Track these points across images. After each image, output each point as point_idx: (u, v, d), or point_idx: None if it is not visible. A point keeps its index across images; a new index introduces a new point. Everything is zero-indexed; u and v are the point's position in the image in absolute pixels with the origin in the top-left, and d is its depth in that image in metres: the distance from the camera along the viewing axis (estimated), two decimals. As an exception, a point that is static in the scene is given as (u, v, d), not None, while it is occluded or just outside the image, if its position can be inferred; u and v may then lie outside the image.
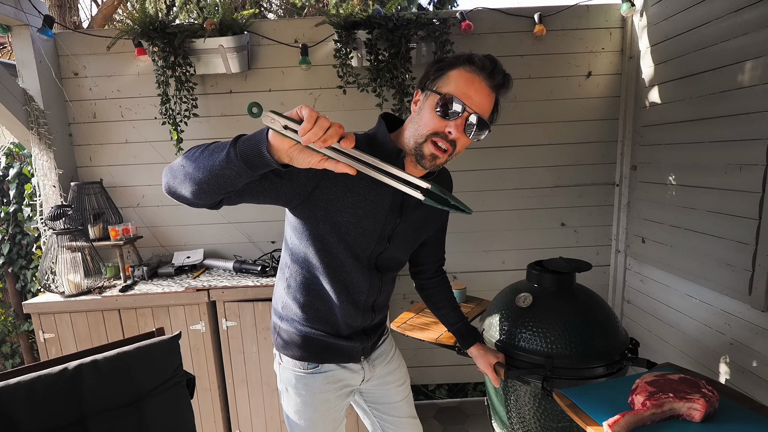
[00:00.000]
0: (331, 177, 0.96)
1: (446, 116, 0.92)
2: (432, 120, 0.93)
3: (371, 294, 1.14)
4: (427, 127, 0.94)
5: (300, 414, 1.18)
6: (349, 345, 1.16)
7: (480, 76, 0.93)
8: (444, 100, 0.91)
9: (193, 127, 2.20)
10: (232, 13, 2.02)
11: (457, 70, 0.94)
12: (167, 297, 1.91)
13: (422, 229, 1.19)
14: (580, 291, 1.38)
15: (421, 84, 1.00)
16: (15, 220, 2.77)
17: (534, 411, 1.31)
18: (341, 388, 1.20)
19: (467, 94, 0.92)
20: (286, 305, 1.15)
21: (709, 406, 0.95)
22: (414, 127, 0.98)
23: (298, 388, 1.17)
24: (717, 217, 1.66)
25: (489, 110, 0.97)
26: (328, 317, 1.13)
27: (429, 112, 0.94)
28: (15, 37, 2.04)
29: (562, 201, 2.39)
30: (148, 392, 1.12)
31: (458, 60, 0.94)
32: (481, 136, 0.96)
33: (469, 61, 0.93)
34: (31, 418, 0.97)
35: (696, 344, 1.84)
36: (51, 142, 2.11)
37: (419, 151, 0.96)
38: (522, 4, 2.22)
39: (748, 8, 1.49)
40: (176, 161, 0.88)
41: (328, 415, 1.20)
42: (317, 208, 1.00)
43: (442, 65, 0.96)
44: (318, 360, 1.15)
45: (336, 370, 1.18)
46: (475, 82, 0.92)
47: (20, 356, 3.07)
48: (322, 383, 1.17)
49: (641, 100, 2.15)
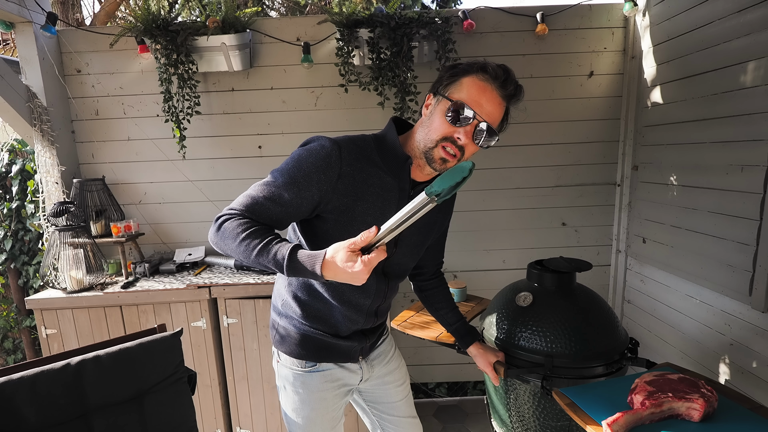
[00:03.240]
0: (341, 189, 0.98)
1: (456, 122, 0.94)
2: (442, 125, 0.95)
3: (377, 299, 1.14)
4: (437, 132, 0.96)
5: (298, 412, 1.19)
6: (347, 345, 1.17)
7: (492, 85, 0.94)
8: (455, 107, 0.93)
9: (195, 124, 2.20)
10: (235, 11, 2.02)
11: (469, 77, 0.95)
12: (169, 294, 1.92)
13: (427, 233, 1.20)
14: (580, 291, 1.38)
15: (434, 88, 1.01)
16: (18, 217, 2.78)
17: (533, 410, 1.32)
18: (339, 387, 1.21)
19: (478, 102, 0.93)
20: (286, 303, 1.16)
21: (708, 406, 0.95)
22: (425, 132, 0.99)
23: (295, 386, 1.17)
24: (718, 218, 1.66)
25: (499, 119, 0.98)
26: (327, 318, 1.13)
27: (440, 117, 0.96)
28: (18, 33, 2.04)
29: (563, 200, 2.39)
30: (149, 388, 1.12)
31: (472, 67, 0.96)
32: (489, 143, 0.97)
33: (483, 70, 0.94)
34: (35, 412, 0.98)
35: (696, 344, 1.84)
36: (54, 139, 2.11)
37: (429, 155, 0.98)
38: (524, 4, 2.22)
39: (751, 8, 1.48)
40: (222, 241, 0.93)
41: (326, 413, 1.20)
42: (328, 218, 1.01)
43: (455, 71, 0.97)
44: (316, 359, 1.16)
45: (334, 369, 1.18)
46: (487, 91, 0.94)
47: (22, 352, 3.08)
48: (319, 382, 1.17)
49: (643, 100, 2.14)
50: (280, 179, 0.96)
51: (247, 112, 2.27)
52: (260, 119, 2.28)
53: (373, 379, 1.28)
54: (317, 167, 0.95)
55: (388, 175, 1.03)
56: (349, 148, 0.99)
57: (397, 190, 1.04)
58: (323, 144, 0.97)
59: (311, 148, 0.98)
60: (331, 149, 0.96)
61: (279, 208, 0.95)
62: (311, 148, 0.98)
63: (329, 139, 0.98)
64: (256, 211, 0.95)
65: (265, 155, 2.31)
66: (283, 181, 0.95)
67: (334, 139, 0.99)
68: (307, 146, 0.99)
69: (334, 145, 0.97)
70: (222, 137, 2.29)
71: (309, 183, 0.95)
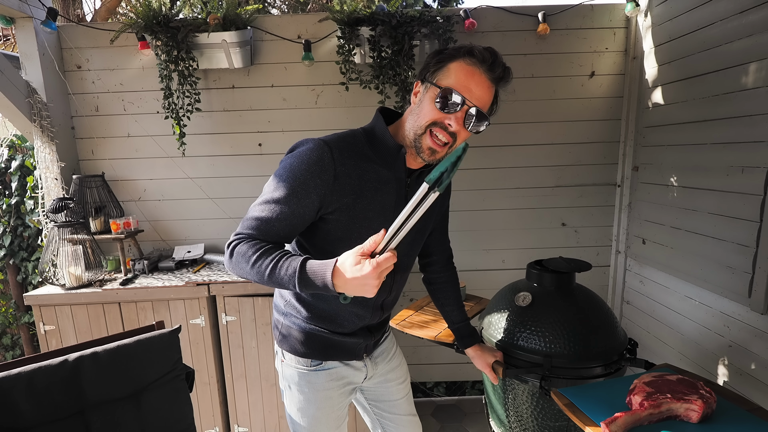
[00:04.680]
0: (339, 190, 0.97)
1: (446, 109, 0.93)
2: (431, 112, 0.94)
3: (382, 293, 1.13)
4: (426, 118, 0.95)
5: (303, 411, 1.18)
6: (352, 342, 1.16)
7: (480, 69, 0.93)
8: (444, 93, 0.92)
9: (195, 121, 2.20)
10: (236, 8, 2.02)
11: (457, 62, 0.93)
12: (167, 291, 1.92)
13: (427, 218, 1.18)
14: (579, 291, 1.38)
15: (421, 75, 0.99)
16: (17, 212, 2.78)
17: (532, 410, 1.32)
18: (344, 385, 1.21)
19: (467, 86, 0.92)
20: (290, 302, 1.15)
21: (707, 407, 0.95)
22: (414, 119, 0.98)
23: (301, 386, 1.17)
24: (718, 219, 1.66)
25: (489, 103, 0.97)
26: (333, 316, 1.12)
27: (429, 104, 0.95)
28: (18, 29, 2.04)
29: (563, 201, 2.39)
30: (147, 385, 1.12)
31: (458, 52, 0.94)
32: (480, 128, 0.96)
33: (470, 54, 0.93)
34: (32, 409, 0.97)
35: (695, 346, 1.84)
36: (53, 135, 2.11)
37: (418, 143, 0.97)
38: (526, 3, 2.21)
39: (752, 10, 1.48)
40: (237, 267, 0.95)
41: (332, 412, 1.20)
42: (329, 219, 1.00)
43: (442, 57, 0.96)
44: (321, 357, 1.16)
45: (339, 368, 1.18)
46: (475, 75, 0.92)
47: (20, 348, 3.08)
48: (325, 380, 1.17)
49: (644, 101, 2.14)
50: (277, 194, 0.94)
51: (247, 109, 2.26)
52: (260, 117, 2.28)
53: (377, 376, 1.28)
54: (312, 173, 0.94)
55: (383, 167, 1.02)
56: (340, 147, 0.97)
57: (394, 180, 1.03)
58: (312, 147, 0.95)
59: (301, 154, 0.95)
60: (322, 152, 0.94)
61: (283, 224, 0.95)
62: (301, 153, 0.95)
63: (317, 141, 0.96)
64: (263, 230, 0.95)
65: (265, 153, 2.31)
66: (281, 195, 0.94)
67: (323, 140, 0.97)
68: (295, 152, 0.97)
69: (324, 146, 0.95)
70: (222, 134, 2.29)
71: (307, 191, 0.94)
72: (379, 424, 1.37)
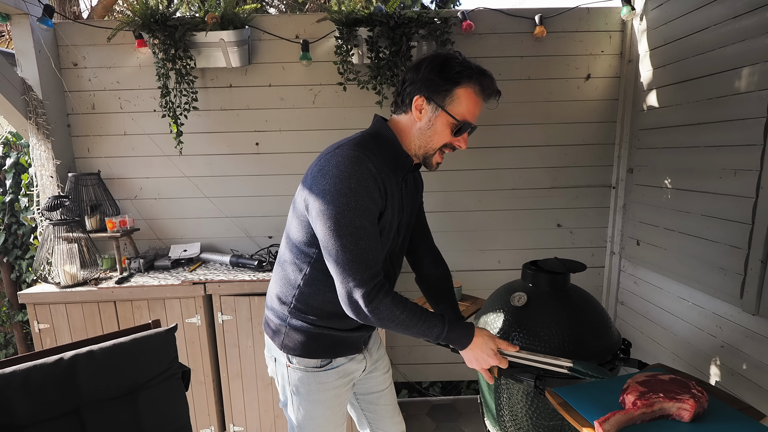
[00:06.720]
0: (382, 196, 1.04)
1: (458, 134, 1.08)
2: (446, 137, 1.07)
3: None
4: (441, 143, 1.08)
5: (312, 414, 1.20)
6: (356, 336, 1.20)
7: (485, 98, 1.07)
8: (461, 125, 1.05)
9: (192, 120, 2.20)
10: (234, 7, 2.02)
11: (465, 89, 1.03)
12: (163, 290, 1.91)
13: (414, 204, 1.26)
14: (574, 291, 1.39)
15: (426, 93, 1.04)
16: (11, 210, 2.76)
17: (526, 409, 1.33)
18: (350, 381, 1.24)
19: (474, 113, 1.07)
20: (299, 308, 1.15)
21: (698, 406, 0.97)
22: (425, 139, 1.08)
23: (310, 387, 1.18)
24: (711, 221, 1.68)
25: None
26: (342, 314, 1.11)
27: (443, 129, 1.06)
28: (14, 26, 2.02)
29: (558, 202, 2.41)
30: (143, 384, 1.12)
31: (466, 78, 1.02)
32: None
33: (479, 84, 1.03)
34: (27, 407, 0.97)
35: (687, 346, 1.86)
36: (49, 133, 2.10)
37: (428, 160, 1.11)
38: (523, 6, 2.23)
39: (746, 15, 1.50)
40: (381, 323, 1.04)
41: (339, 410, 1.23)
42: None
43: (447, 77, 1.01)
44: (331, 355, 1.18)
45: (346, 364, 1.21)
46: (480, 104, 1.07)
47: (14, 346, 3.06)
48: (334, 378, 1.19)
49: (639, 104, 2.16)
50: (349, 215, 0.97)
51: (244, 108, 2.26)
52: (258, 116, 2.27)
53: (369, 366, 1.30)
54: (368, 185, 0.99)
55: (393, 173, 1.09)
56: (370, 156, 1.03)
57: (396, 185, 1.11)
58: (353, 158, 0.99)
59: (347, 169, 0.98)
60: (365, 160, 1.00)
61: (373, 240, 1.01)
62: (346, 169, 0.98)
63: (355, 151, 1.01)
64: (371, 261, 1.00)
65: (262, 152, 2.31)
66: (354, 216, 0.98)
67: (357, 150, 1.02)
68: (339, 167, 0.99)
69: (363, 155, 1.01)
70: (219, 133, 2.28)
71: (373, 200, 1.00)
72: (365, 418, 1.40)
